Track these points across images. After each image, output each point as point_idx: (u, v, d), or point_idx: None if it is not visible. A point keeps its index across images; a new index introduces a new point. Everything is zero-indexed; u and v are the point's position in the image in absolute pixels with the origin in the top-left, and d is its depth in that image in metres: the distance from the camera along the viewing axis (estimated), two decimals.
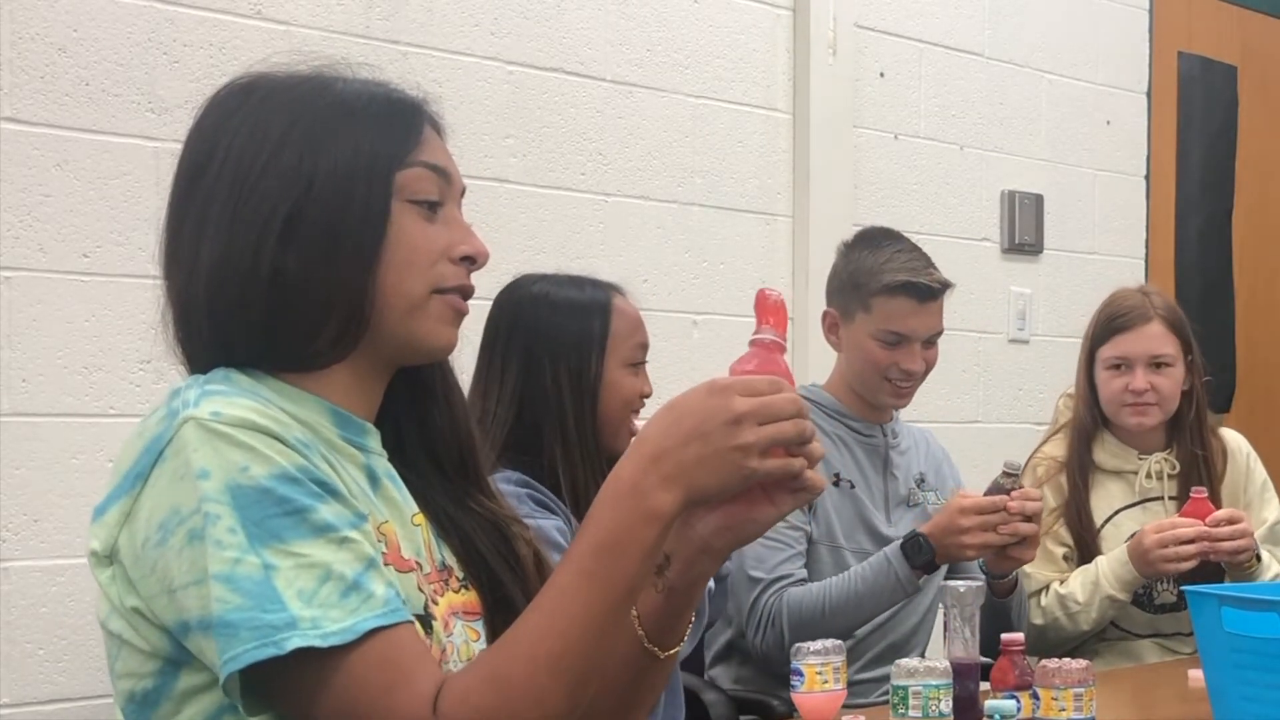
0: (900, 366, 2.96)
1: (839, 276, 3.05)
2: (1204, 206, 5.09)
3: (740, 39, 3.85)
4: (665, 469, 1.31)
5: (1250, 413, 5.05)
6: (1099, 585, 3.10)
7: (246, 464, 1.29)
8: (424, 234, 1.44)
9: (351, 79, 1.48)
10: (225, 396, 1.33)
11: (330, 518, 1.30)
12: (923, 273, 2.97)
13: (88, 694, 2.76)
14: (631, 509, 1.30)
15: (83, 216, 2.79)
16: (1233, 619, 2.18)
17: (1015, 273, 4.50)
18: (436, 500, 1.54)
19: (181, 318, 1.45)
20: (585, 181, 3.53)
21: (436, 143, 1.49)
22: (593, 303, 2.52)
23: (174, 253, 1.46)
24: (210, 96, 1.50)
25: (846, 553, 2.95)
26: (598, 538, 1.30)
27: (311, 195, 1.40)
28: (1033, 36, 4.55)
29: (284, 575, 1.26)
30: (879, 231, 3.12)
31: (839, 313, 3.03)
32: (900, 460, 3.08)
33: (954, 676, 2.27)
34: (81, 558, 2.74)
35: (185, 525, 1.29)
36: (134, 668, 1.36)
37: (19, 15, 2.72)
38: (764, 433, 1.32)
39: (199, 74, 2.93)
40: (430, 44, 3.25)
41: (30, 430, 2.72)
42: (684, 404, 1.33)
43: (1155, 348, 3.19)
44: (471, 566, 1.53)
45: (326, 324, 1.41)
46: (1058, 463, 3.28)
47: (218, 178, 1.42)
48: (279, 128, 1.43)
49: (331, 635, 1.26)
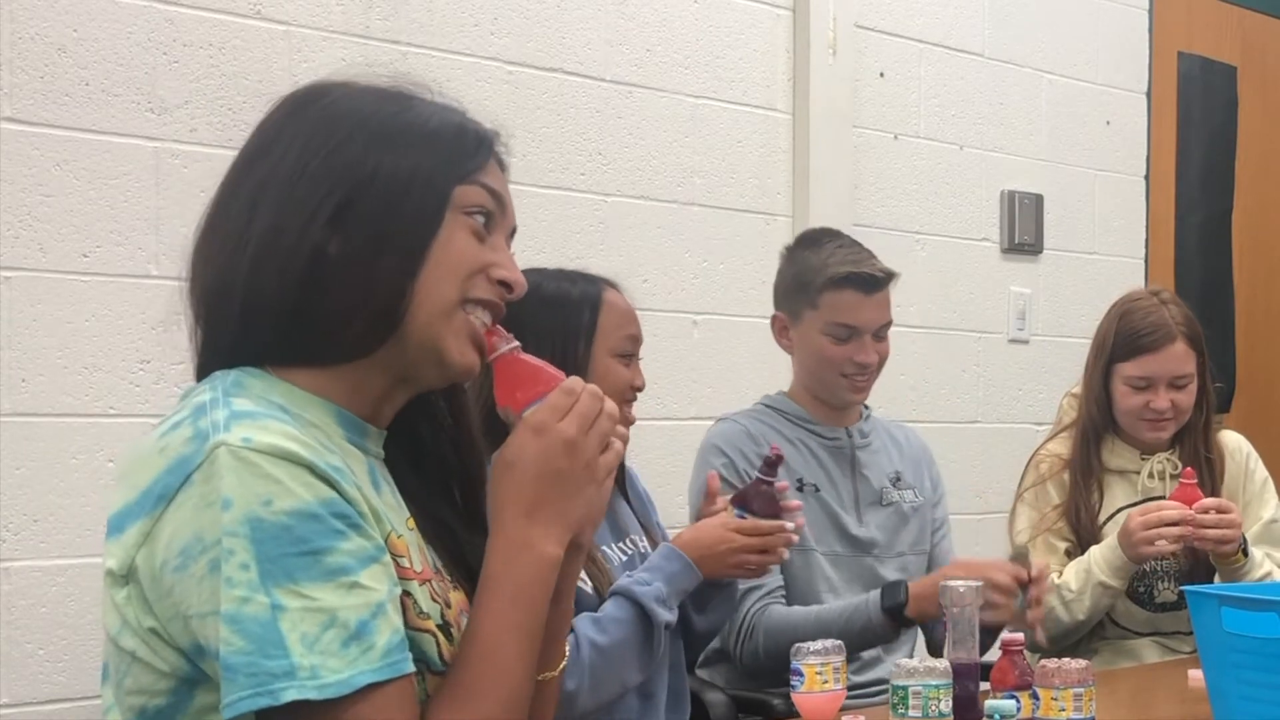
0: (854, 360, 2.96)
1: (784, 279, 3.06)
2: (1204, 206, 5.09)
3: (740, 39, 3.85)
4: (542, 518, 1.43)
5: (1250, 413, 5.05)
6: (1091, 572, 3.10)
7: (270, 497, 1.29)
8: (470, 247, 1.46)
9: (431, 100, 1.50)
10: (254, 420, 1.33)
11: (345, 559, 1.31)
12: (866, 263, 2.97)
13: (88, 694, 2.76)
14: (530, 561, 1.42)
15: (83, 216, 2.79)
16: (1232, 619, 2.18)
17: (1015, 273, 4.50)
18: (429, 503, 1.55)
19: (214, 296, 1.44)
20: (585, 181, 3.53)
21: (499, 173, 1.51)
22: (582, 296, 2.51)
23: (217, 228, 1.45)
24: (284, 95, 1.51)
25: (818, 555, 2.95)
26: (510, 591, 1.41)
27: (369, 187, 1.42)
28: (1033, 36, 4.55)
29: (290, 618, 1.28)
30: (819, 231, 3.14)
31: (788, 315, 3.04)
32: (870, 459, 3.07)
33: (954, 676, 2.27)
34: (81, 558, 2.76)
35: (207, 555, 1.29)
36: (146, 685, 1.36)
37: (19, 15, 2.72)
38: (593, 437, 1.45)
39: (199, 74, 2.93)
40: (430, 44, 3.25)
41: (30, 430, 2.72)
42: (521, 455, 1.43)
43: (1178, 368, 3.18)
44: (460, 570, 1.54)
45: (357, 317, 1.42)
46: (1062, 460, 3.28)
47: (280, 160, 1.43)
48: (350, 122, 1.44)
49: (328, 688, 1.28)
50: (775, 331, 3.09)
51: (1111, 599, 3.14)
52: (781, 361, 3.18)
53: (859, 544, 3.00)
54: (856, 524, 3.01)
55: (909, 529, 3.07)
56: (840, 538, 2.99)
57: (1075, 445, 3.27)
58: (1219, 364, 3.38)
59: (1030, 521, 3.27)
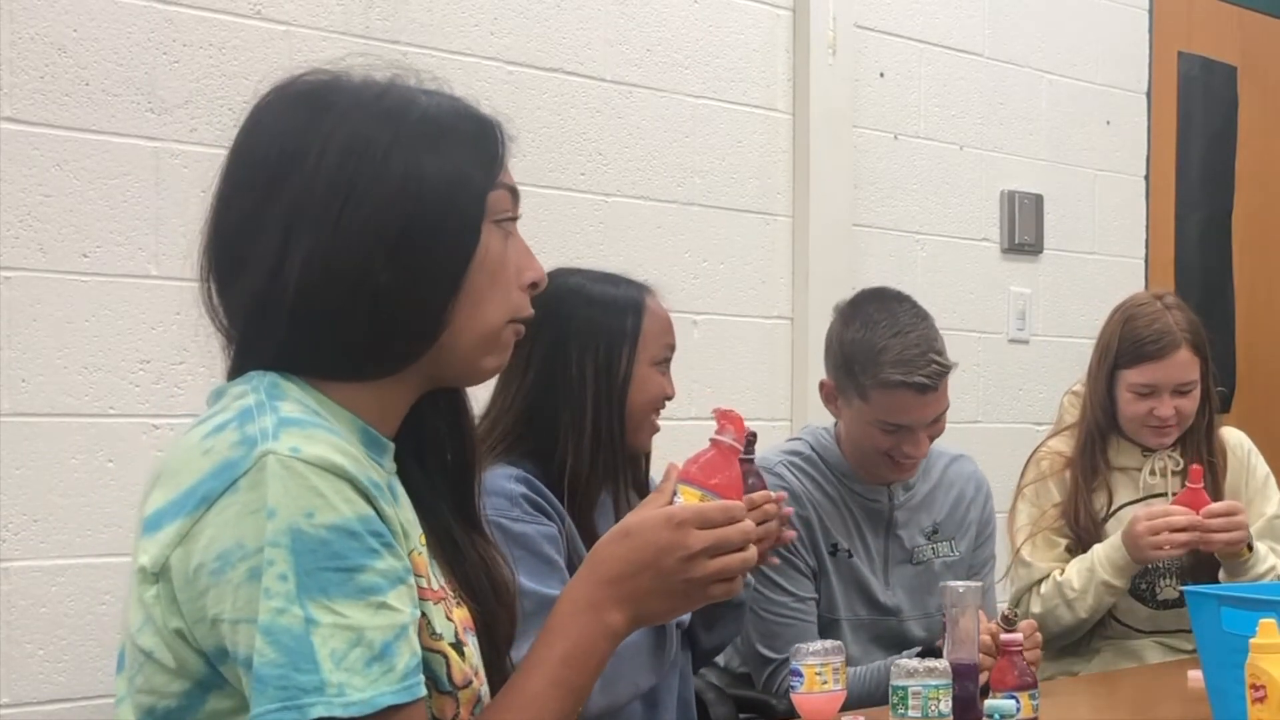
0: (903, 449, 2.82)
1: (833, 351, 2.87)
2: (1204, 206, 5.09)
3: (740, 39, 3.84)
4: (620, 592, 1.44)
5: (1250, 413, 5.04)
6: (1094, 571, 3.10)
7: (313, 510, 1.29)
8: (503, 258, 1.46)
9: (433, 92, 1.48)
10: (302, 429, 1.33)
11: (376, 579, 1.31)
12: (920, 367, 2.75)
13: (88, 694, 2.75)
14: (590, 623, 1.44)
15: (82, 216, 2.79)
16: (1232, 619, 2.18)
17: (1015, 273, 4.50)
18: (434, 508, 1.55)
19: (255, 315, 1.41)
20: (585, 181, 3.53)
21: (508, 164, 1.50)
22: (627, 300, 2.51)
23: (247, 252, 1.41)
24: (278, 88, 1.46)
25: (843, 624, 2.89)
26: (564, 648, 1.43)
27: (421, 210, 1.40)
28: (1033, 36, 4.55)
29: (321, 633, 1.28)
30: (875, 301, 2.88)
31: (835, 386, 2.87)
32: (907, 518, 2.96)
33: (954, 676, 2.27)
34: (81, 558, 2.76)
35: (247, 562, 1.29)
36: (158, 685, 1.35)
37: (19, 15, 2.72)
38: (713, 566, 1.44)
39: (199, 74, 2.93)
40: (430, 44, 3.25)
41: (30, 430, 2.72)
42: (641, 533, 1.44)
43: (1183, 375, 3.17)
44: (462, 587, 1.55)
45: (399, 338, 1.41)
46: (1064, 457, 3.28)
47: (311, 181, 1.39)
48: (383, 139, 1.41)
49: (352, 706, 1.28)
50: (822, 396, 2.93)
51: (1114, 597, 3.14)
52: (781, 363, 3.18)
53: (884, 609, 2.94)
54: (883, 589, 2.94)
55: (937, 589, 2.93)
56: (866, 604, 2.93)
57: (1079, 447, 3.27)
58: (1219, 364, 3.37)
59: (1030, 518, 3.27)
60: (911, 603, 2.96)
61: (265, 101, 1.46)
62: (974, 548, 3.07)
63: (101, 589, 2.77)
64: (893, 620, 2.95)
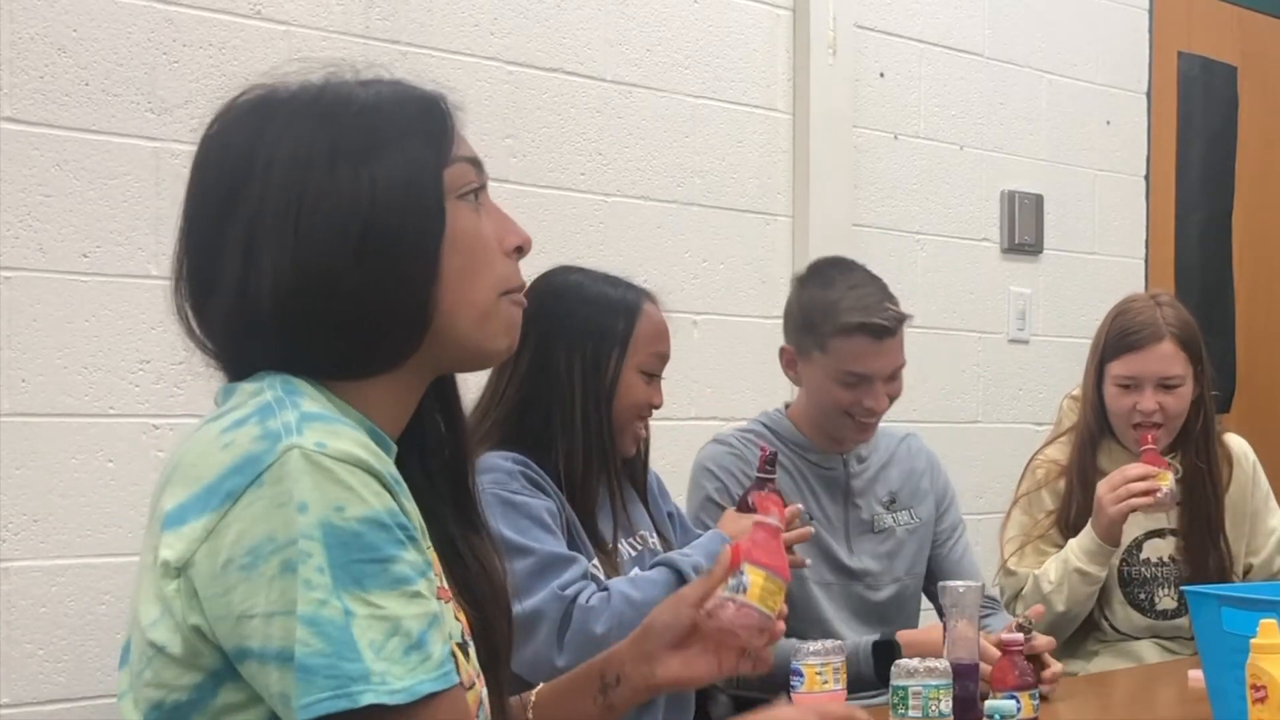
0: (863, 405, 2.89)
1: (793, 313, 2.98)
2: (1204, 206, 5.09)
3: (740, 39, 3.85)
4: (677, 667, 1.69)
5: (1250, 413, 5.05)
6: (1068, 561, 3.10)
7: (343, 504, 1.29)
8: (477, 229, 1.45)
9: (370, 81, 1.47)
10: (325, 424, 1.33)
11: (407, 569, 1.32)
12: (877, 310, 2.85)
13: (88, 694, 2.75)
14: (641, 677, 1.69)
15: (82, 216, 2.79)
16: (1233, 619, 2.18)
17: (1015, 273, 4.50)
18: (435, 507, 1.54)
19: (238, 334, 1.42)
20: (585, 181, 3.53)
21: (461, 135, 1.49)
22: (622, 302, 2.52)
23: (214, 273, 1.42)
24: (221, 112, 1.47)
25: (810, 583, 2.92)
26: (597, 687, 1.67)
27: (376, 210, 1.39)
28: (1033, 36, 4.55)
29: (360, 624, 1.28)
30: (830, 264, 3.03)
31: (795, 349, 2.96)
32: (864, 487, 3.02)
33: (954, 676, 2.27)
34: (81, 558, 2.76)
35: (280, 555, 1.28)
36: (168, 679, 1.35)
37: (19, 15, 2.72)
38: None
39: (199, 74, 2.93)
40: (430, 44, 3.25)
41: (30, 430, 2.72)
42: None
43: (1165, 368, 3.15)
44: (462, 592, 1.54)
45: (390, 333, 1.42)
46: (1059, 466, 3.27)
47: (262, 198, 1.39)
48: (323, 144, 1.41)
49: (397, 694, 1.28)
50: (783, 363, 3.01)
51: (1091, 587, 3.11)
52: None
53: (850, 573, 2.98)
54: (848, 554, 2.98)
55: (904, 554, 3.04)
56: (832, 568, 2.96)
57: (1073, 450, 3.27)
58: (1218, 364, 3.37)
59: (1022, 528, 3.26)
60: (881, 567, 3.01)
61: (211, 130, 1.46)
62: (936, 516, 3.11)
63: (101, 589, 2.78)
64: (860, 585, 2.99)
